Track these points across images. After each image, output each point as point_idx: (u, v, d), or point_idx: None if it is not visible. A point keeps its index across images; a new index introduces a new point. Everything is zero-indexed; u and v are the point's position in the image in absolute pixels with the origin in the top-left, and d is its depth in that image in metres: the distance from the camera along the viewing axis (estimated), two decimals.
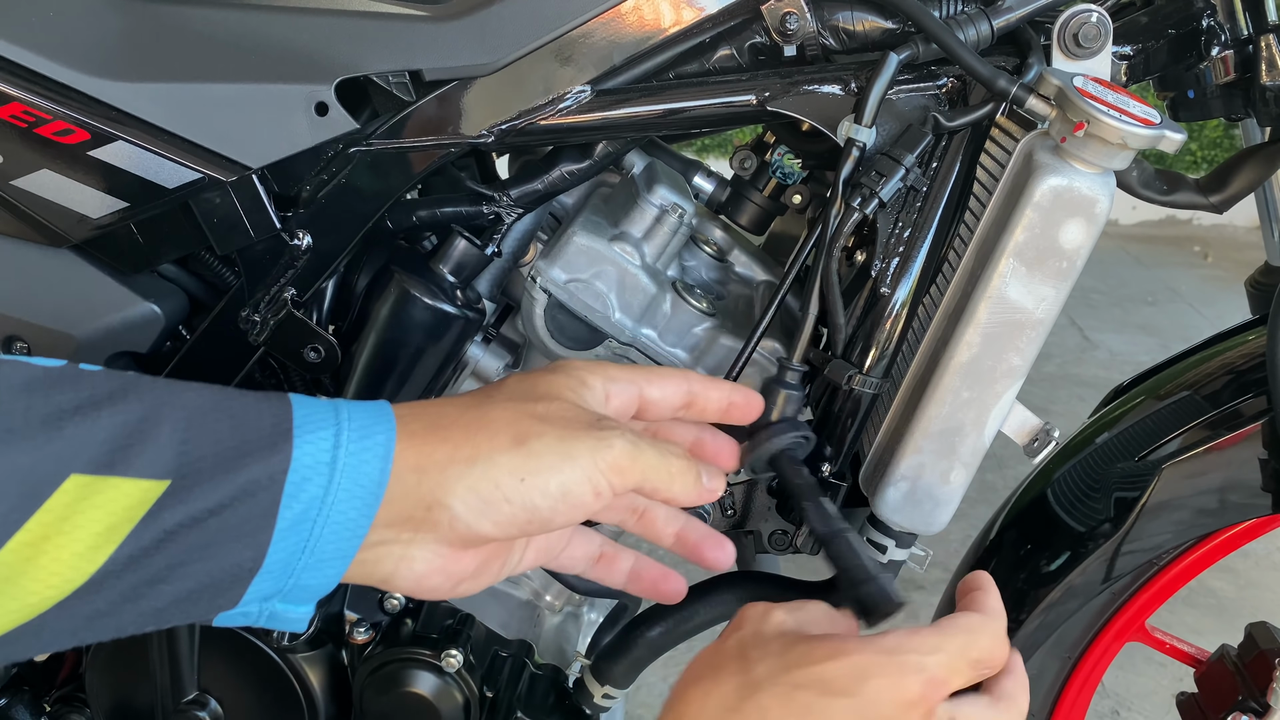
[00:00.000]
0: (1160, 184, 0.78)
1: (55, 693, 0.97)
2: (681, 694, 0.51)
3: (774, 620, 0.53)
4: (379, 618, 0.93)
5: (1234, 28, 0.76)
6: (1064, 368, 2.96)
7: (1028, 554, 0.91)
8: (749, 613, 0.55)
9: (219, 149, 0.74)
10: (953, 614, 0.54)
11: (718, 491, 0.56)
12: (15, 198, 0.74)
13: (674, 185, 0.85)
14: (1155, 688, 1.74)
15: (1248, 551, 2.06)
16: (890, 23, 0.73)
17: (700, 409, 0.61)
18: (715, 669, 0.52)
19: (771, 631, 0.53)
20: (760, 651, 0.51)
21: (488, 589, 0.96)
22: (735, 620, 0.55)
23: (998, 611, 0.55)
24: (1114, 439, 0.90)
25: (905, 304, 0.74)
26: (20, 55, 0.71)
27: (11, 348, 0.79)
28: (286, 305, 0.78)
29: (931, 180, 0.73)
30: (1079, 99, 0.63)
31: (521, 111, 0.74)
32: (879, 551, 0.80)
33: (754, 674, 0.50)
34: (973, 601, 0.56)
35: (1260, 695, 0.89)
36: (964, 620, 0.53)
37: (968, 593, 0.58)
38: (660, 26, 0.73)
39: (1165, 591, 0.91)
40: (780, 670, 0.49)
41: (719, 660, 0.52)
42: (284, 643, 0.88)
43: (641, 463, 0.52)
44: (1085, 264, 0.68)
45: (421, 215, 0.80)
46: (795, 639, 0.51)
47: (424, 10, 0.73)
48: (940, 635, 0.51)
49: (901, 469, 0.74)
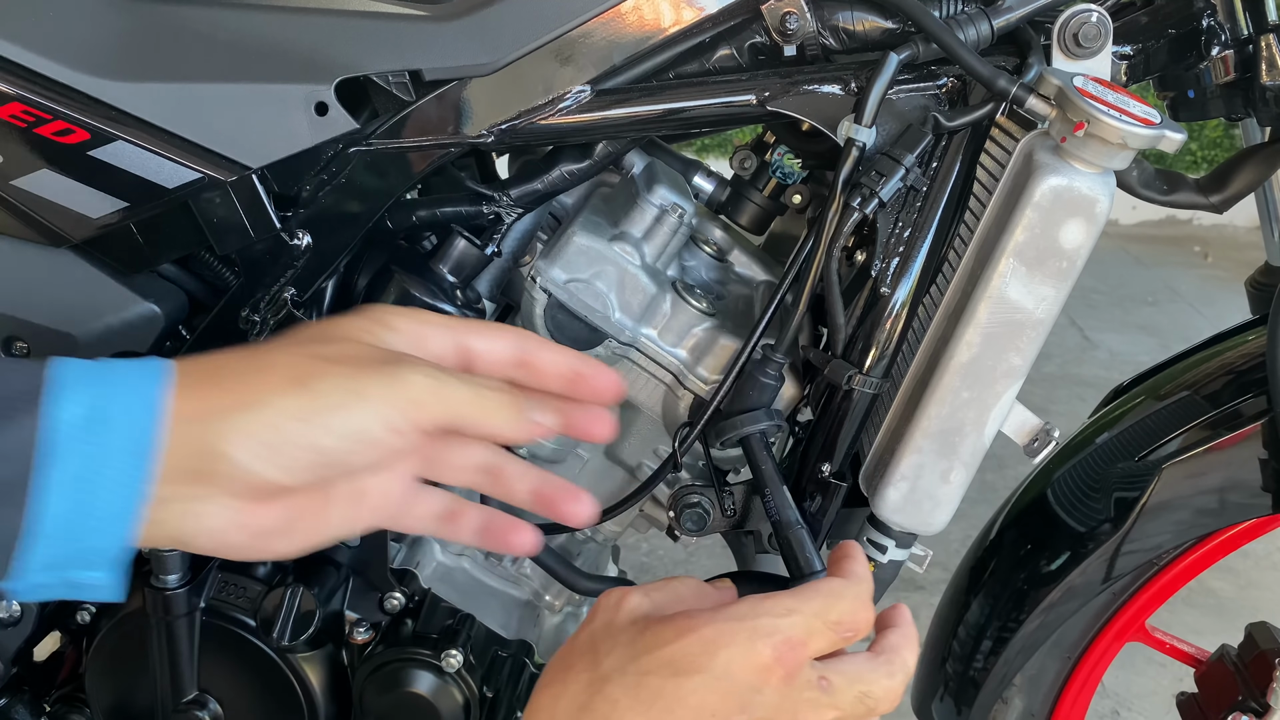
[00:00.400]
0: (1160, 184, 0.78)
1: (55, 693, 0.97)
2: (535, 700, 0.50)
3: (627, 607, 0.52)
4: (379, 618, 0.93)
5: (1234, 28, 0.76)
6: (1064, 368, 2.96)
7: (1028, 554, 0.91)
8: (603, 602, 0.52)
9: (219, 149, 0.74)
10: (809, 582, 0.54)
11: (545, 427, 0.53)
12: (15, 198, 0.74)
13: (674, 185, 0.85)
14: (1155, 688, 1.74)
15: (1248, 551, 2.06)
16: (890, 23, 0.73)
17: (537, 371, 0.55)
18: (565, 669, 0.50)
19: (623, 620, 0.51)
20: (610, 643, 0.49)
21: (487, 589, 0.97)
22: (590, 612, 0.53)
23: (862, 576, 0.55)
24: (1114, 439, 0.90)
25: (905, 304, 0.74)
26: (20, 55, 0.71)
27: (11, 348, 0.79)
28: (286, 305, 0.78)
29: (931, 180, 0.73)
30: (1079, 99, 0.63)
31: (521, 111, 0.74)
32: (879, 551, 0.80)
33: (603, 667, 0.48)
34: (839, 569, 0.56)
35: (1260, 695, 0.89)
36: (825, 584, 0.52)
37: (836, 562, 0.57)
38: (660, 26, 0.73)
39: (1165, 591, 0.91)
40: (629, 659, 0.48)
41: (570, 659, 0.50)
42: (283, 642, 0.88)
43: (447, 395, 0.48)
44: (1085, 264, 0.68)
45: (421, 215, 0.80)
46: (646, 624, 0.50)
47: (424, 10, 0.73)
48: (796, 598, 0.50)
49: (901, 469, 0.74)
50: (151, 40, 0.73)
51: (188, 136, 0.73)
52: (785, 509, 0.76)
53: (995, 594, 0.92)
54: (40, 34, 0.71)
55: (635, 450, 0.90)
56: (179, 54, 0.73)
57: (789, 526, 0.75)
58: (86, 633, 0.93)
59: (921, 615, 1.01)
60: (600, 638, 0.50)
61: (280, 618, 0.87)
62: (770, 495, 0.76)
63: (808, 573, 0.73)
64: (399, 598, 0.92)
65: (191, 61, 0.73)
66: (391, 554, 0.91)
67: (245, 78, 0.72)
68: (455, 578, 0.95)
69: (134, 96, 0.72)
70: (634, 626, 0.50)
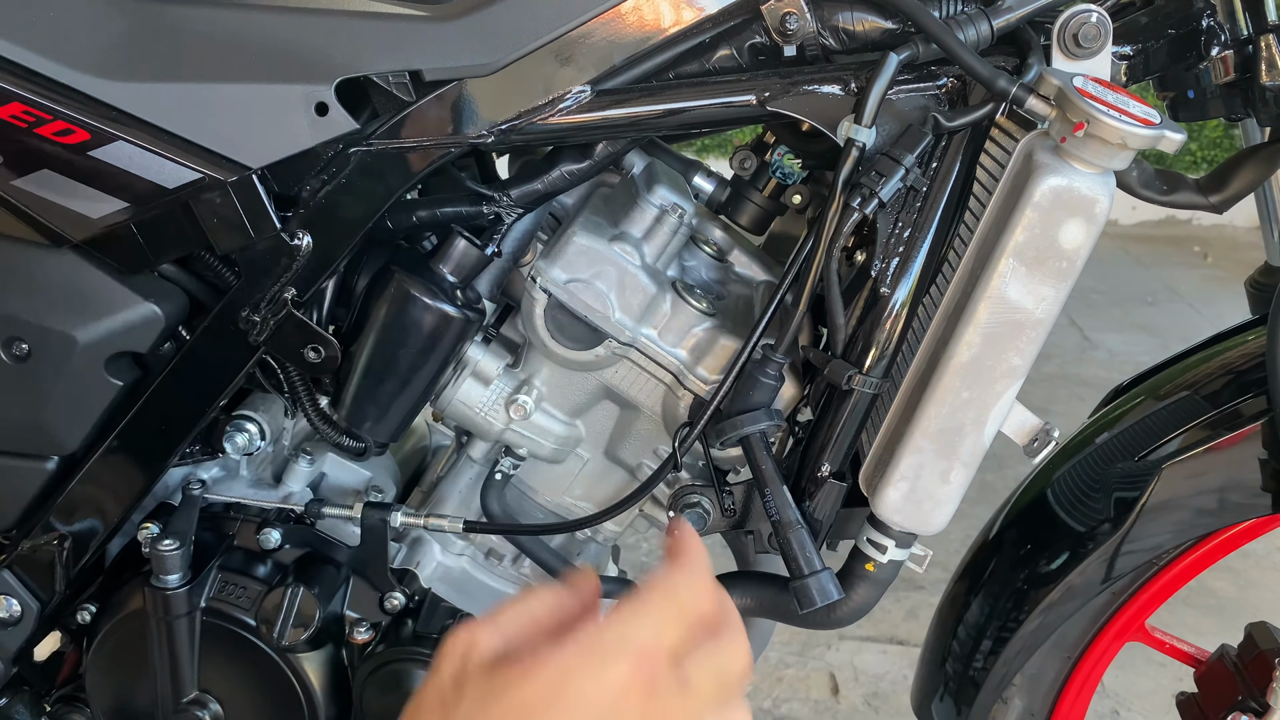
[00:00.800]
0: (1160, 184, 0.78)
1: (55, 693, 0.97)
2: None
3: (476, 652, 0.48)
4: (379, 618, 0.93)
5: (1234, 28, 0.76)
6: (1064, 368, 2.96)
7: (1028, 554, 0.91)
8: (448, 650, 0.49)
9: (219, 149, 0.74)
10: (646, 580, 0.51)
11: None
12: (15, 198, 0.74)
13: (674, 185, 0.85)
14: (1155, 688, 1.74)
15: (1248, 551, 2.06)
16: (890, 23, 0.73)
17: None
18: None
19: (475, 664, 0.47)
20: (457, 695, 0.46)
21: (487, 589, 0.97)
22: (436, 659, 0.49)
23: (694, 555, 0.52)
24: (1114, 439, 0.90)
25: (905, 304, 0.74)
26: (20, 55, 0.71)
27: (12, 348, 0.79)
28: (287, 305, 0.78)
29: (931, 180, 0.73)
30: (1079, 99, 0.63)
31: (521, 111, 0.74)
32: (879, 551, 0.80)
33: None
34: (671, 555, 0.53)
35: (1260, 695, 0.89)
36: (655, 581, 0.49)
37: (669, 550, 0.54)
38: (660, 26, 0.73)
39: (1165, 591, 0.91)
40: (479, 709, 0.45)
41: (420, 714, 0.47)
42: (284, 642, 0.88)
43: None
44: (1085, 264, 0.68)
45: (421, 215, 0.80)
46: (494, 667, 0.47)
47: (424, 10, 0.73)
48: (635, 604, 0.48)
49: (901, 469, 0.74)
50: (151, 40, 0.73)
51: (188, 136, 0.73)
52: (785, 509, 0.76)
53: (995, 594, 0.92)
54: (40, 34, 0.71)
55: (635, 450, 0.90)
56: (179, 54, 0.73)
57: (789, 526, 0.75)
58: (86, 633, 0.93)
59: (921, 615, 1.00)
60: (448, 691, 0.47)
61: (280, 618, 0.87)
62: (770, 495, 0.76)
63: (808, 572, 0.73)
64: (399, 598, 0.92)
65: (191, 61, 0.73)
66: (391, 554, 0.91)
67: (245, 78, 0.72)
68: (455, 578, 0.95)
69: (134, 96, 0.72)
70: (481, 673, 0.47)
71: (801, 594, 0.77)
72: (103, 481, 0.85)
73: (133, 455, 0.84)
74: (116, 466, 0.84)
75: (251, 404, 0.91)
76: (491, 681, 0.46)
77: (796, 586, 0.77)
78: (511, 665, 0.46)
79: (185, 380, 0.82)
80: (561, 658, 0.45)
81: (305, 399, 0.84)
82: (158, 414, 0.83)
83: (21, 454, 0.85)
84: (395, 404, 0.83)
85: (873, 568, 0.81)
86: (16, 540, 0.88)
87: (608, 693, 0.44)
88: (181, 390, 0.82)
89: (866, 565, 0.81)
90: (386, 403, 0.82)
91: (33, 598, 0.89)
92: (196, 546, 0.87)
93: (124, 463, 0.84)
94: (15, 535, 0.88)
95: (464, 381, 0.86)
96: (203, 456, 0.91)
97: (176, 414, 0.83)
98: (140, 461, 0.85)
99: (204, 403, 0.83)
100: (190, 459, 0.91)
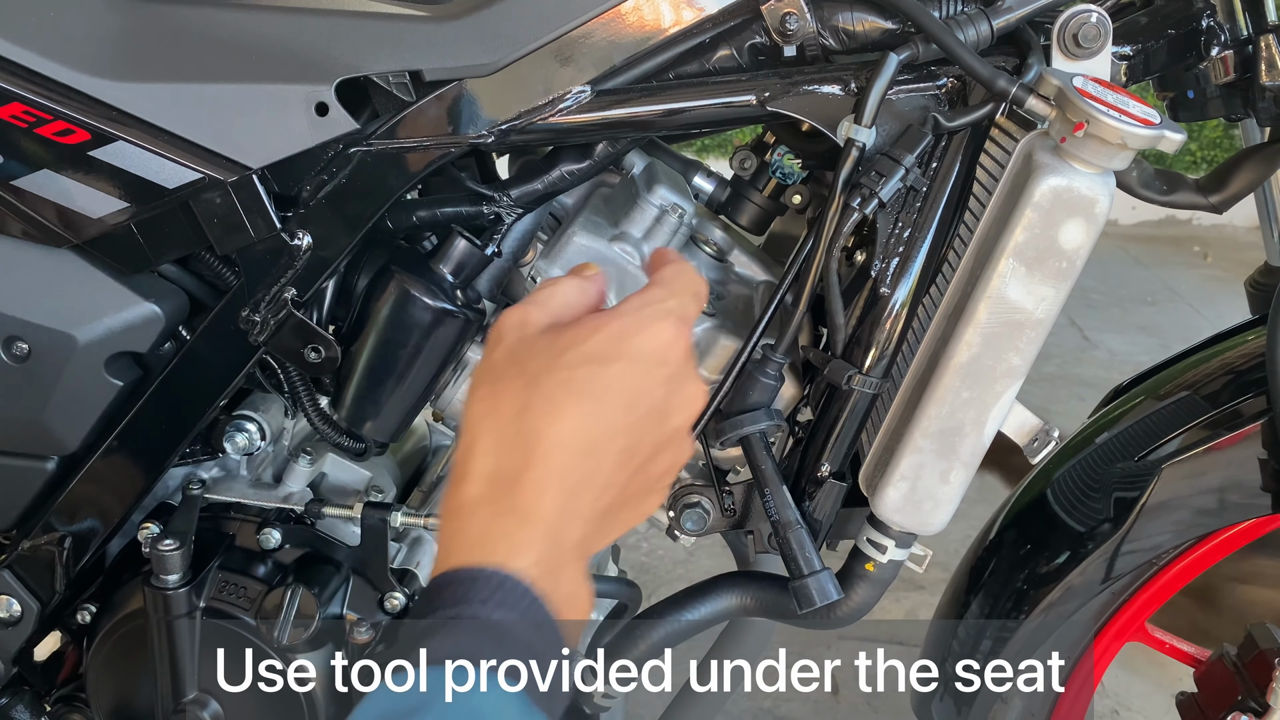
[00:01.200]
0: (1160, 184, 0.78)
1: (55, 692, 0.97)
2: (472, 412, 0.54)
3: (532, 322, 0.56)
4: (379, 618, 0.93)
5: (1234, 28, 0.76)
6: (1064, 368, 2.95)
7: (1028, 554, 0.91)
8: (506, 323, 0.57)
9: (219, 149, 0.74)
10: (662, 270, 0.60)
11: None
12: (15, 198, 0.74)
13: (674, 185, 0.85)
14: (1155, 688, 1.74)
15: None
16: (890, 23, 0.73)
17: None
18: (495, 380, 0.54)
19: (533, 332, 0.56)
20: (530, 352, 0.54)
21: None
22: (493, 335, 0.57)
23: (679, 258, 0.62)
24: (1114, 439, 0.90)
25: (905, 304, 0.74)
26: (20, 55, 0.71)
27: (12, 348, 0.79)
28: (287, 305, 0.78)
29: (931, 180, 0.73)
30: (1079, 99, 0.63)
31: (521, 111, 0.74)
32: (879, 551, 0.80)
33: (530, 372, 0.53)
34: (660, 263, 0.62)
35: (1260, 695, 0.89)
36: (665, 272, 0.59)
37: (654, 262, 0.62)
38: (660, 27, 0.73)
39: (1165, 591, 0.91)
40: (553, 360, 0.53)
41: (495, 373, 0.54)
42: (284, 643, 0.88)
43: None
44: (1085, 264, 0.68)
45: (421, 215, 0.80)
46: (558, 330, 0.55)
47: (424, 10, 0.73)
48: (659, 287, 0.58)
49: (901, 469, 0.74)
50: (152, 40, 0.73)
51: (188, 136, 0.73)
52: (785, 509, 0.76)
53: (995, 594, 0.92)
54: (40, 34, 0.71)
55: None
56: (179, 54, 0.73)
57: (789, 526, 0.75)
58: (86, 633, 0.93)
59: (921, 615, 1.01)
60: (519, 350, 0.55)
61: (280, 618, 0.87)
62: (770, 495, 0.76)
63: (808, 573, 0.73)
64: (399, 598, 0.92)
65: (192, 61, 0.73)
66: (391, 554, 0.91)
67: (245, 78, 0.72)
68: None
69: (134, 96, 0.72)
70: (546, 335, 0.55)
71: (801, 594, 0.77)
72: (103, 481, 0.85)
73: (133, 455, 0.84)
74: (116, 466, 0.84)
75: (251, 404, 0.91)
76: (559, 339, 0.54)
77: (796, 586, 0.77)
78: (576, 326, 0.55)
79: (185, 380, 0.82)
80: (619, 320, 0.55)
81: (305, 399, 0.84)
82: (158, 414, 0.83)
83: (21, 454, 0.85)
84: (395, 404, 0.83)
85: (872, 568, 0.81)
86: (16, 540, 0.88)
87: (660, 347, 0.54)
88: (182, 390, 0.82)
89: (866, 565, 0.81)
90: (386, 403, 0.82)
91: (33, 598, 0.89)
92: (196, 546, 0.87)
93: (124, 463, 0.84)
94: (15, 535, 0.88)
95: (464, 381, 0.86)
96: (203, 456, 0.91)
97: (176, 414, 0.83)
98: (140, 461, 0.85)
99: (204, 403, 0.83)
100: (190, 459, 0.91)
